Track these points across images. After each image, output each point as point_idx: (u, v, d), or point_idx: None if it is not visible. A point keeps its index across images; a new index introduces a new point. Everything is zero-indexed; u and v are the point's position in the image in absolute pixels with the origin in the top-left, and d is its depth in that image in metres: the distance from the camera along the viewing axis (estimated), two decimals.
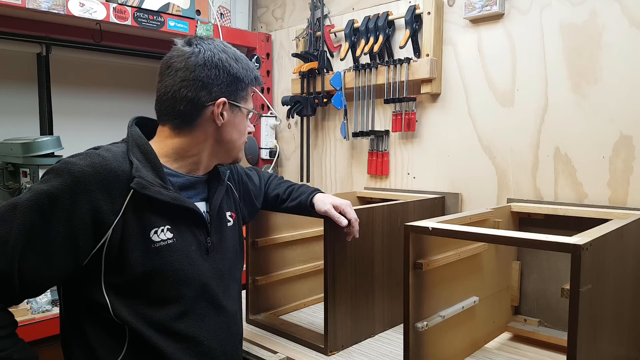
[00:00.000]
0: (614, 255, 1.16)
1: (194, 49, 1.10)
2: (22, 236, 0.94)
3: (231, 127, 1.15)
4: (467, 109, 1.84)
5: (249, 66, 1.17)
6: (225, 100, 1.11)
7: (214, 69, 1.09)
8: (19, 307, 1.65)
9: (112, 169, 1.00)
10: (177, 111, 1.10)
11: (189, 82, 1.08)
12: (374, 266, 1.59)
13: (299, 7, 2.48)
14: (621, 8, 1.48)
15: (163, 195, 1.04)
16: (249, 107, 1.19)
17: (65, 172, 0.97)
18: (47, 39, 2.24)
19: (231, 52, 1.14)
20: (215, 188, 1.21)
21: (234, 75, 1.12)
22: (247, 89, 1.17)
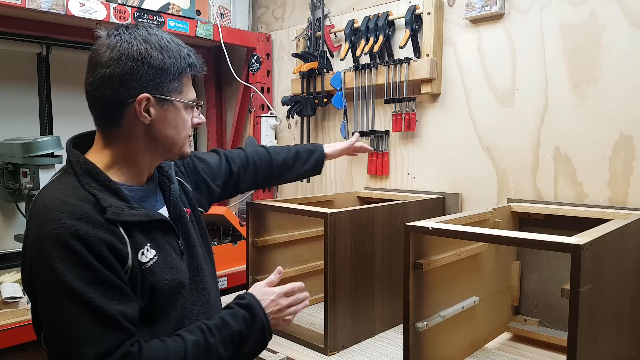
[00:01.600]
0: (614, 255, 1.16)
1: (110, 41, 1.00)
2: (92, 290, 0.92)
3: (163, 124, 1.05)
4: (467, 109, 1.84)
5: (180, 53, 1.05)
6: (148, 95, 1.00)
7: (132, 62, 0.98)
8: (19, 307, 1.66)
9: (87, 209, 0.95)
10: (99, 112, 1.03)
11: (106, 80, 0.99)
12: (374, 266, 1.59)
13: (299, 7, 2.48)
14: (621, 8, 1.48)
15: (136, 215, 1.01)
16: (183, 99, 1.07)
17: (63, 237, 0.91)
18: (47, 39, 2.24)
19: (155, 40, 1.02)
20: (168, 190, 1.15)
21: (156, 67, 1.01)
22: (178, 79, 1.05)
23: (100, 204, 0.96)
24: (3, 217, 2.22)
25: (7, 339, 1.59)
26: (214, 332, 1.03)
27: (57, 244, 0.91)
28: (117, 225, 0.97)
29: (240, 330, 1.06)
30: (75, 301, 0.90)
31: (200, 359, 1.00)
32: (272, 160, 1.56)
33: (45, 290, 0.93)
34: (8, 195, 2.04)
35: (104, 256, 0.93)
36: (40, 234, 0.93)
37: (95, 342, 0.90)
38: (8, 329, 1.59)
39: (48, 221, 0.92)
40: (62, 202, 0.95)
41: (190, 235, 1.16)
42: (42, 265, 0.92)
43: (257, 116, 2.55)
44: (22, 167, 1.95)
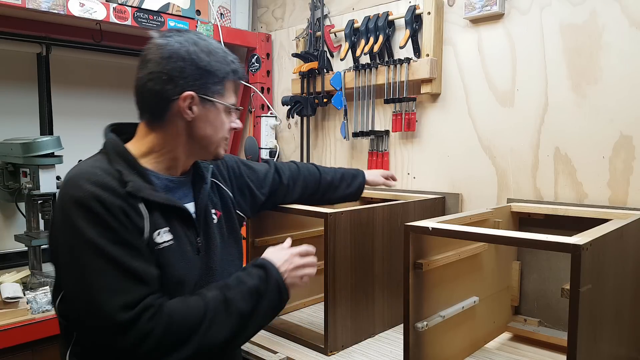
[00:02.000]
0: (614, 255, 1.16)
1: (162, 40, 1.07)
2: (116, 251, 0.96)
3: (203, 122, 1.11)
4: (467, 109, 1.84)
5: (226, 59, 1.12)
6: (193, 94, 1.07)
7: (181, 61, 1.06)
8: (19, 307, 1.66)
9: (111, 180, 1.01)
10: (146, 105, 1.10)
11: (155, 75, 1.06)
12: (374, 266, 1.59)
13: (299, 7, 2.48)
14: (621, 8, 1.48)
15: (156, 196, 1.05)
16: (226, 102, 1.13)
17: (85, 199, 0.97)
18: (47, 39, 2.24)
19: (204, 44, 1.09)
20: (200, 188, 1.19)
21: (203, 68, 1.07)
22: (222, 82, 1.11)
23: (124, 178, 1.02)
24: (3, 217, 2.22)
25: (7, 339, 1.59)
26: (232, 287, 1.08)
27: (79, 206, 0.96)
28: (137, 200, 1.02)
29: (257, 286, 1.09)
30: (100, 255, 0.95)
31: (221, 312, 1.03)
32: (321, 177, 1.60)
33: (68, 248, 0.97)
34: (8, 195, 2.04)
35: (122, 221, 0.98)
36: (64, 197, 0.99)
37: (120, 294, 0.94)
38: (8, 329, 1.59)
39: (72, 186, 0.99)
40: (87, 172, 1.01)
41: (211, 235, 1.18)
42: (65, 225, 0.97)
43: (257, 116, 2.55)
44: (22, 167, 1.95)
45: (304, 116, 2.32)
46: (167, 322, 0.97)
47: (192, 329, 0.99)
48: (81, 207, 0.96)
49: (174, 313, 0.99)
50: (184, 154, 1.14)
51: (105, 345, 0.96)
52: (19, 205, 2.12)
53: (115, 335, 0.94)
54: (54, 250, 1.03)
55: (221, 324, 1.02)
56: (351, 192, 1.66)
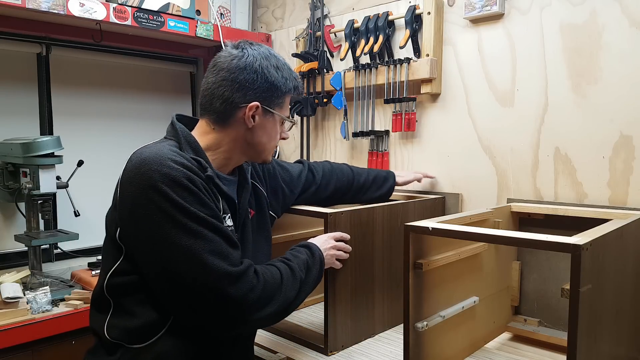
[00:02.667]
0: (614, 255, 1.16)
1: (239, 53, 1.18)
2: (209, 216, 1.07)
3: (261, 131, 1.22)
4: (467, 109, 1.84)
5: (290, 76, 1.23)
6: (259, 104, 1.18)
7: (253, 73, 1.16)
8: (19, 307, 1.66)
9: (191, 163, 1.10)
10: (214, 107, 1.19)
11: (228, 82, 1.16)
12: (374, 266, 1.59)
13: (299, 7, 2.48)
14: (621, 8, 1.48)
15: (222, 187, 1.18)
16: (283, 114, 1.26)
17: (179, 178, 1.04)
18: (47, 39, 2.24)
19: (274, 60, 1.20)
20: (242, 188, 1.29)
21: (271, 82, 1.19)
22: (283, 96, 1.23)
23: (202, 165, 1.13)
24: (3, 217, 2.22)
25: (7, 339, 1.59)
26: (292, 259, 1.24)
27: (173, 182, 1.03)
28: (212, 185, 1.14)
29: (306, 259, 1.26)
30: (202, 224, 1.05)
31: (290, 277, 1.19)
32: (354, 179, 1.68)
33: (164, 223, 1.02)
34: (8, 195, 2.04)
35: (212, 198, 1.11)
36: (151, 176, 1.03)
37: (226, 255, 1.06)
38: (8, 329, 1.59)
39: (159, 165, 1.04)
40: (168, 154, 1.08)
41: (246, 232, 1.29)
42: (158, 202, 1.03)
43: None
44: (22, 167, 1.95)
45: (304, 116, 2.32)
46: (264, 280, 1.11)
47: (277, 289, 1.14)
48: (176, 184, 1.03)
49: (265, 274, 1.13)
50: (238, 155, 1.25)
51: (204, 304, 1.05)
52: (19, 205, 2.12)
53: (229, 285, 1.04)
54: (130, 233, 1.09)
55: (291, 286, 1.18)
56: (381, 194, 1.74)
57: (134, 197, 1.05)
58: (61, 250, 2.27)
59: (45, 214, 2.00)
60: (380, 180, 1.74)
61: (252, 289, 1.08)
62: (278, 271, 1.17)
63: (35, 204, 1.98)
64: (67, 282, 1.97)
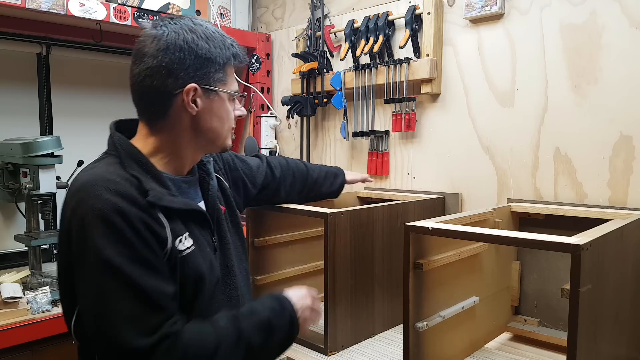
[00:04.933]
0: (614, 255, 1.16)
1: (157, 31, 0.99)
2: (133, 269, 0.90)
3: (209, 115, 1.04)
4: (467, 109, 1.84)
5: (225, 43, 1.05)
6: (196, 85, 1.00)
7: (179, 52, 0.98)
8: (19, 307, 1.65)
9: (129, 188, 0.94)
10: (146, 103, 1.03)
11: (153, 70, 0.98)
12: (374, 266, 1.59)
13: (299, 7, 2.48)
14: (621, 8, 1.48)
15: (176, 202, 1.00)
16: (228, 89, 1.07)
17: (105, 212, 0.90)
18: (47, 39, 2.24)
19: (201, 29, 1.02)
20: (207, 185, 1.15)
21: (203, 57, 1.01)
22: (223, 69, 1.05)
23: (143, 186, 0.96)
24: (3, 217, 2.22)
25: (7, 339, 1.59)
26: (244, 318, 1.02)
27: (99, 219, 0.90)
28: (157, 209, 0.96)
29: (269, 318, 1.04)
30: (117, 278, 0.89)
31: (232, 345, 0.97)
32: (309, 174, 1.61)
33: (85, 266, 0.91)
34: (8, 195, 2.04)
35: (144, 235, 0.92)
36: (81, 208, 0.91)
37: (137, 321, 0.89)
38: (8, 329, 1.59)
39: (90, 196, 0.91)
40: (104, 178, 0.94)
41: (224, 233, 1.15)
42: (84, 240, 0.91)
43: (257, 116, 2.55)
44: (22, 167, 1.95)
45: (304, 116, 2.32)
46: (182, 357, 0.92)
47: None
48: (101, 220, 0.89)
49: (189, 347, 0.93)
50: (192, 151, 1.08)
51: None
52: (19, 205, 2.12)
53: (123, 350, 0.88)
54: (68, 263, 0.96)
55: (231, 357, 0.98)
56: (333, 190, 1.69)
57: (68, 226, 0.94)
58: None
59: (45, 214, 2.00)
60: (332, 176, 1.68)
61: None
62: (214, 339, 0.96)
63: (35, 204, 1.98)
64: None
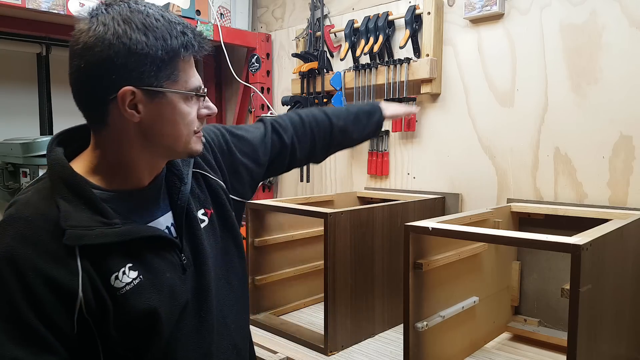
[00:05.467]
0: (614, 255, 1.16)
1: (85, 25, 0.82)
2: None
3: (158, 120, 0.85)
4: (467, 109, 1.84)
5: (171, 32, 0.84)
6: (132, 88, 0.81)
7: (107, 49, 0.79)
8: None
9: (41, 229, 0.79)
10: (83, 110, 0.87)
11: (83, 73, 0.82)
12: (374, 266, 1.59)
13: (299, 7, 2.48)
14: (621, 8, 1.48)
15: (108, 236, 0.82)
16: (180, 88, 0.86)
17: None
18: (47, 39, 2.24)
19: (139, 18, 0.82)
20: (177, 190, 0.95)
21: (139, 53, 0.80)
22: (171, 63, 0.84)
23: (61, 223, 0.80)
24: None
25: None
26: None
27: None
28: (74, 251, 0.80)
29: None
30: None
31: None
32: (333, 126, 1.32)
33: None
34: (8, 195, 2.04)
35: (35, 292, 0.77)
36: None
37: None
38: None
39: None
40: (17, 214, 0.81)
41: (198, 246, 0.96)
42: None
43: (257, 116, 2.55)
44: (22, 167, 1.95)
45: None
46: None
47: None
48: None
49: None
50: (147, 161, 0.89)
51: None
52: None
53: None
54: None
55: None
56: (368, 132, 1.42)
57: None
58: None
59: None
60: (365, 117, 1.40)
61: None
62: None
63: None
64: None
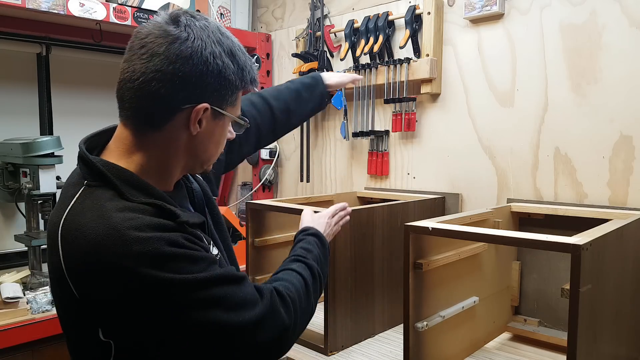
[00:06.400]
0: (614, 255, 1.16)
1: (181, 33, 0.84)
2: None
3: (208, 138, 0.91)
4: (467, 109, 1.84)
5: (247, 64, 0.91)
6: (208, 106, 0.87)
7: (202, 65, 0.84)
8: (19, 307, 1.65)
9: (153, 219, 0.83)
10: (141, 107, 0.86)
11: (166, 76, 0.83)
12: (374, 266, 1.59)
13: (299, 7, 2.48)
14: (621, 8, 1.48)
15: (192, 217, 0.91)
16: (235, 114, 0.94)
17: (156, 250, 0.79)
18: (47, 39, 2.24)
19: (228, 44, 0.88)
20: (192, 192, 1.05)
21: (225, 77, 0.87)
22: (237, 92, 0.92)
23: (164, 209, 0.85)
24: (3, 217, 2.22)
25: (7, 339, 1.59)
26: (306, 256, 1.10)
27: (157, 259, 0.78)
28: (185, 226, 0.87)
29: (318, 254, 1.14)
30: (206, 287, 0.81)
31: (312, 281, 1.05)
32: (274, 110, 1.39)
33: (169, 314, 0.80)
34: (8, 195, 2.04)
35: (196, 247, 0.85)
36: (128, 265, 0.77)
37: (244, 302, 0.85)
38: (8, 329, 1.59)
39: (126, 244, 0.77)
40: (123, 219, 0.80)
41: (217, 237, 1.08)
42: (151, 291, 0.78)
43: None
44: (22, 167, 1.95)
45: None
46: (291, 300, 0.95)
47: (307, 300, 1.00)
48: (159, 259, 0.78)
49: (289, 293, 0.96)
50: (179, 170, 0.94)
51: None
52: (19, 205, 2.12)
53: (262, 331, 0.87)
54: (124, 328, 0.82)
55: (315, 288, 1.06)
56: (313, 107, 1.48)
57: (113, 292, 0.78)
58: None
59: (45, 214, 2.00)
60: (307, 92, 1.44)
61: (283, 323, 0.90)
62: (301, 280, 1.01)
63: (35, 204, 1.98)
64: None
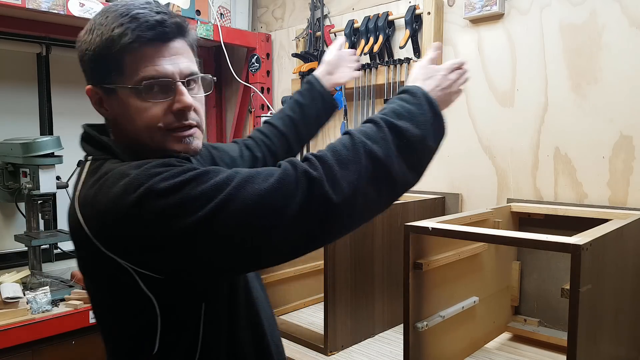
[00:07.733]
0: (614, 255, 1.16)
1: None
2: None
3: (122, 117, 0.85)
4: (467, 109, 1.84)
5: (112, 26, 0.81)
6: (90, 87, 0.86)
7: (84, 44, 0.84)
8: (19, 307, 1.66)
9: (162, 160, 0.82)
10: None
11: None
12: (374, 266, 1.59)
13: (299, 7, 2.48)
14: (621, 8, 1.48)
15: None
16: (126, 83, 0.82)
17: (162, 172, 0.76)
18: (47, 39, 2.24)
19: (103, 14, 0.83)
20: None
21: (96, 49, 0.82)
22: (119, 59, 0.81)
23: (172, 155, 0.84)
24: (3, 217, 2.22)
25: (7, 339, 1.59)
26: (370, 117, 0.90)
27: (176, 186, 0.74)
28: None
29: (396, 106, 0.91)
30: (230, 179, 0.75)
31: (369, 132, 0.85)
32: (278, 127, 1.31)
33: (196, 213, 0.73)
34: (8, 195, 2.04)
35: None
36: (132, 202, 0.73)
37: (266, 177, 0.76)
38: (8, 329, 1.59)
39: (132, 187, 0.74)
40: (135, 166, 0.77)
41: None
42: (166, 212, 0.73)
43: (257, 116, 2.55)
44: (22, 167, 1.95)
45: None
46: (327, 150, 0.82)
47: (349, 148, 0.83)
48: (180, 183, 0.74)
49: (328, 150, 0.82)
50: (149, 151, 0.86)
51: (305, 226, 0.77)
52: (19, 205, 2.12)
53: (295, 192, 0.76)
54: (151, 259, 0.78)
55: (374, 138, 0.85)
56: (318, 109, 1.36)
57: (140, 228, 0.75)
58: (61, 250, 2.27)
59: (45, 214, 2.00)
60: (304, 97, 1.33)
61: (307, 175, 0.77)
62: (347, 135, 0.84)
63: (35, 204, 1.98)
64: (67, 282, 1.97)
